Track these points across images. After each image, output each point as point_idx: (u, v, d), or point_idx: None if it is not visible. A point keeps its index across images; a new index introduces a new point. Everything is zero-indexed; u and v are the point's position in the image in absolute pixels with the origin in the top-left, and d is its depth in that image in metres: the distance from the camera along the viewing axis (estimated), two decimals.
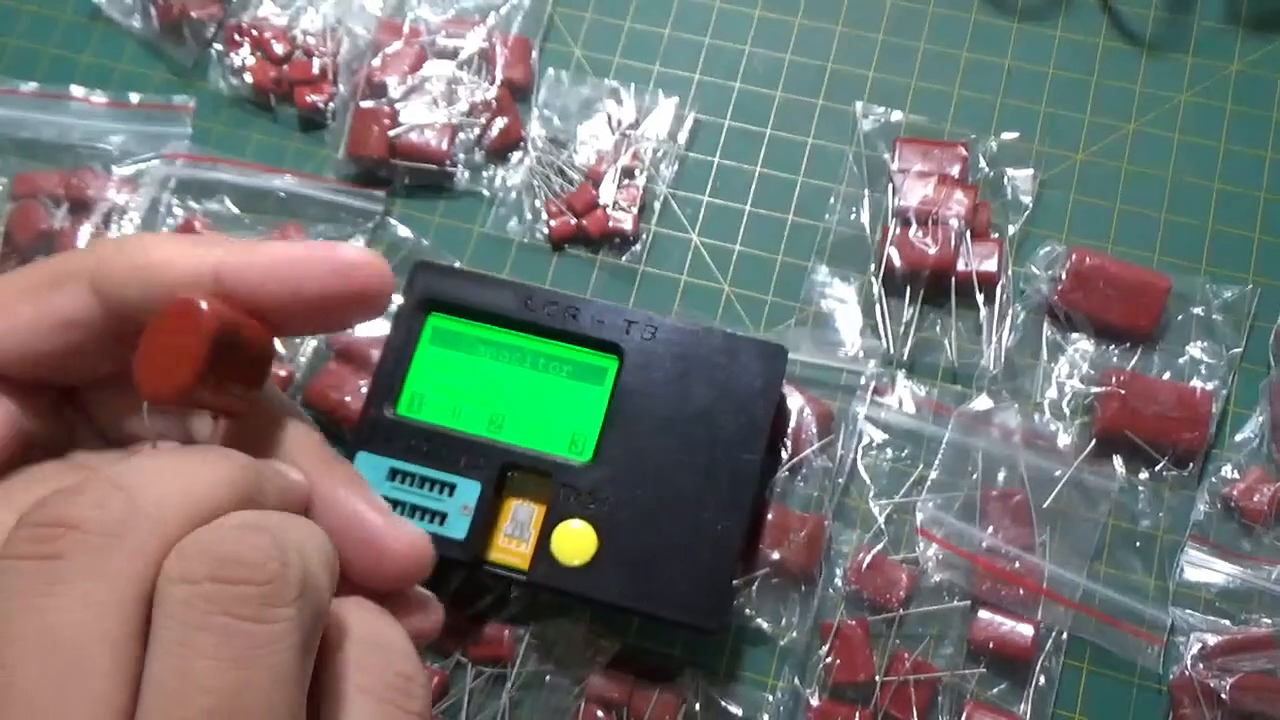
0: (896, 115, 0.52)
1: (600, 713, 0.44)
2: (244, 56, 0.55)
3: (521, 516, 0.40)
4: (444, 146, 0.52)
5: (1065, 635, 0.45)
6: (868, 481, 0.47)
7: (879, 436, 0.48)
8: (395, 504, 0.39)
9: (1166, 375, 0.48)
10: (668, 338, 0.42)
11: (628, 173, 0.52)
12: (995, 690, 0.44)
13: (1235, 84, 0.52)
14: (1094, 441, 0.47)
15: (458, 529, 0.39)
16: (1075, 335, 0.48)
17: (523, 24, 0.55)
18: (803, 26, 0.55)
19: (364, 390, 0.46)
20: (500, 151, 0.53)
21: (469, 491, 0.39)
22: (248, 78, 0.54)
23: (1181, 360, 0.48)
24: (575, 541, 0.39)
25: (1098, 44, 0.53)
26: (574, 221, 0.51)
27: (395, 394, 0.41)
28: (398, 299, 0.43)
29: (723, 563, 0.39)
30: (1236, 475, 0.46)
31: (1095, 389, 0.47)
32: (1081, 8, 0.54)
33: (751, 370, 0.41)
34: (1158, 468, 0.46)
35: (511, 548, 0.40)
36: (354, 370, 0.49)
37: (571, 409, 0.41)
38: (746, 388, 0.41)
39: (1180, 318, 0.48)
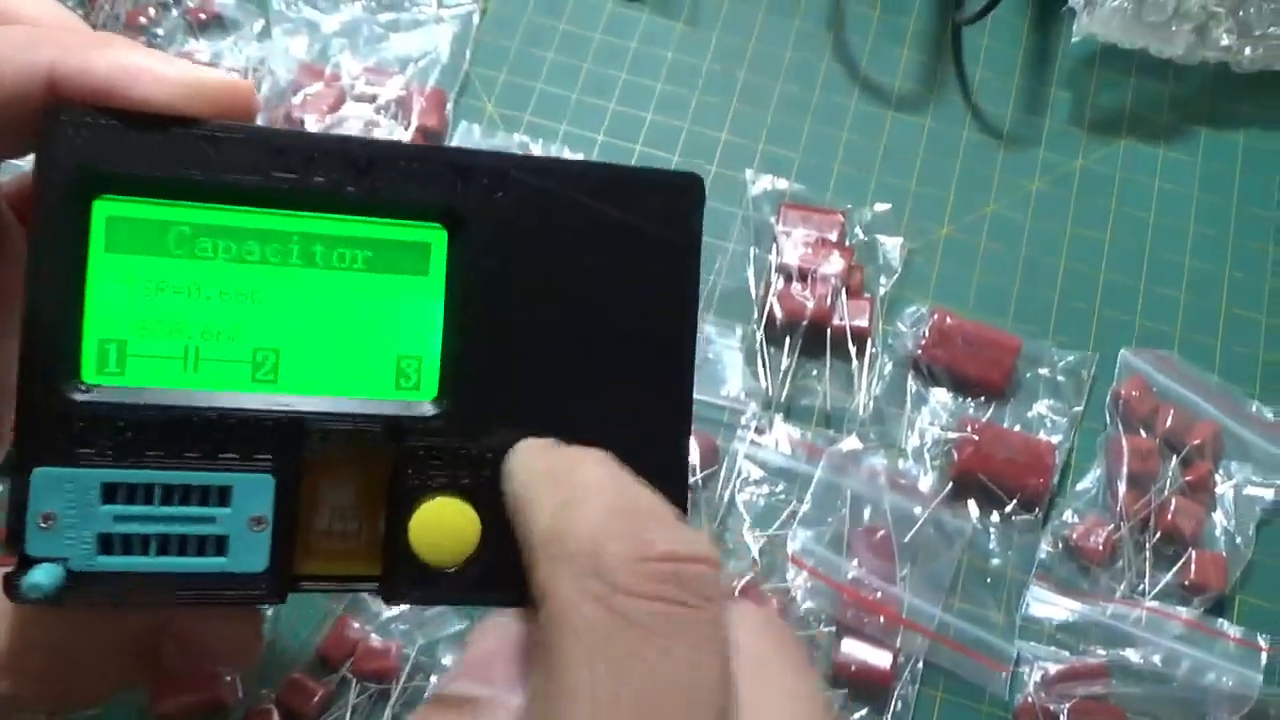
0: (782, 183, 0.57)
1: None
2: None
3: (338, 498, 0.26)
4: None
5: (921, 663, 0.48)
6: (744, 514, 0.50)
7: (756, 473, 0.51)
8: (132, 543, 0.23)
9: (1017, 427, 0.52)
10: (526, 184, 0.26)
11: None
12: (856, 715, 0.47)
13: (1079, 176, 0.59)
14: (951, 484, 0.50)
15: (250, 557, 0.24)
16: (936, 388, 0.53)
17: (439, 78, 0.58)
18: (701, 101, 0.59)
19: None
20: None
21: (255, 492, 0.24)
22: None
23: (1030, 414, 0.52)
24: (446, 529, 0.25)
25: (962, 134, 0.59)
26: None
27: (70, 353, 0.23)
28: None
29: (670, 462, 0.26)
30: (1076, 520, 0.50)
31: (953, 435, 0.51)
32: (949, 103, 0.60)
33: (661, 214, 0.27)
34: (1007, 510, 0.50)
35: (338, 546, 0.26)
36: None
37: (387, 321, 0.25)
38: (656, 240, 0.27)
39: (1029, 376, 0.53)
